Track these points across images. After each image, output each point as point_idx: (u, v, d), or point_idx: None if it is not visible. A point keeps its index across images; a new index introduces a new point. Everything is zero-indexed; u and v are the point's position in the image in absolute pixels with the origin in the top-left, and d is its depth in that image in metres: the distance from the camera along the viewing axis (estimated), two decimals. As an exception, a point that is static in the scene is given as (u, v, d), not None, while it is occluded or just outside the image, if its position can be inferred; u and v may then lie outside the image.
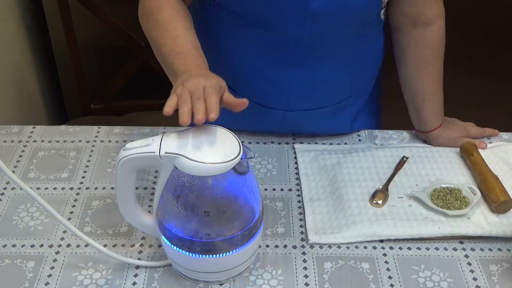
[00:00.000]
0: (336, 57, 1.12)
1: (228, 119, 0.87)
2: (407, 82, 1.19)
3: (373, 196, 1.07)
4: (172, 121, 1.04)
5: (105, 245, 0.99)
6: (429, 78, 1.16)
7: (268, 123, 1.22)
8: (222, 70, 1.16)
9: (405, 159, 1.17)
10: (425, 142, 1.23)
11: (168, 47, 0.99)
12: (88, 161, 1.18)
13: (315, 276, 0.94)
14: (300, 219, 1.05)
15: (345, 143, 1.23)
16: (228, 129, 0.88)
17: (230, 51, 1.13)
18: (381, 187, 1.09)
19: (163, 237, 0.90)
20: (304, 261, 0.97)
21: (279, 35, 1.06)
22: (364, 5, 1.03)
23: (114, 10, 1.81)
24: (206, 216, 0.86)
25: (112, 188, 1.11)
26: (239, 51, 1.12)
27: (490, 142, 1.23)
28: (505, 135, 1.26)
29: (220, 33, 1.12)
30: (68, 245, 0.99)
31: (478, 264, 0.97)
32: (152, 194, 1.10)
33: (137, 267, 0.95)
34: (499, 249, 1.00)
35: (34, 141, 1.22)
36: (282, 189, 1.12)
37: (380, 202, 1.06)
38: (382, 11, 1.09)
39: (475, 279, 0.94)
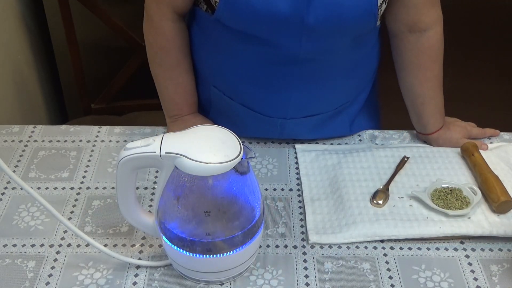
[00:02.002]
0: (334, 69, 1.12)
1: (227, 127, 0.88)
2: (406, 87, 1.19)
3: (374, 196, 1.07)
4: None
5: (105, 245, 0.99)
6: (427, 83, 1.16)
7: (267, 131, 1.22)
8: (219, 78, 1.16)
9: (405, 159, 1.16)
10: (425, 142, 1.23)
11: (169, 91, 1.18)
12: (89, 161, 1.18)
13: (315, 276, 0.94)
14: (301, 219, 1.05)
15: (346, 143, 1.23)
16: None
17: (228, 63, 1.13)
18: (381, 187, 1.09)
19: (163, 237, 0.90)
20: (305, 261, 0.97)
21: (276, 50, 1.06)
22: (359, 18, 1.03)
23: (114, 10, 1.81)
24: (206, 216, 0.86)
25: (113, 188, 1.11)
26: (237, 64, 1.12)
27: (491, 143, 1.23)
28: (505, 135, 1.25)
29: (218, 45, 1.12)
30: (69, 245, 0.99)
31: (478, 264, 0.97)
32: (153, 194, 1.10)
33: (138, 267, 0.95)
34: (500, 249, 1.00)
35: (35, 141, 1.22)
36: (282, 189, 1.12)
37: (380, 202, 1.06)
38: (378, 19, 1.09)
39: (475, 279, 0.94)
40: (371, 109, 1.30)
